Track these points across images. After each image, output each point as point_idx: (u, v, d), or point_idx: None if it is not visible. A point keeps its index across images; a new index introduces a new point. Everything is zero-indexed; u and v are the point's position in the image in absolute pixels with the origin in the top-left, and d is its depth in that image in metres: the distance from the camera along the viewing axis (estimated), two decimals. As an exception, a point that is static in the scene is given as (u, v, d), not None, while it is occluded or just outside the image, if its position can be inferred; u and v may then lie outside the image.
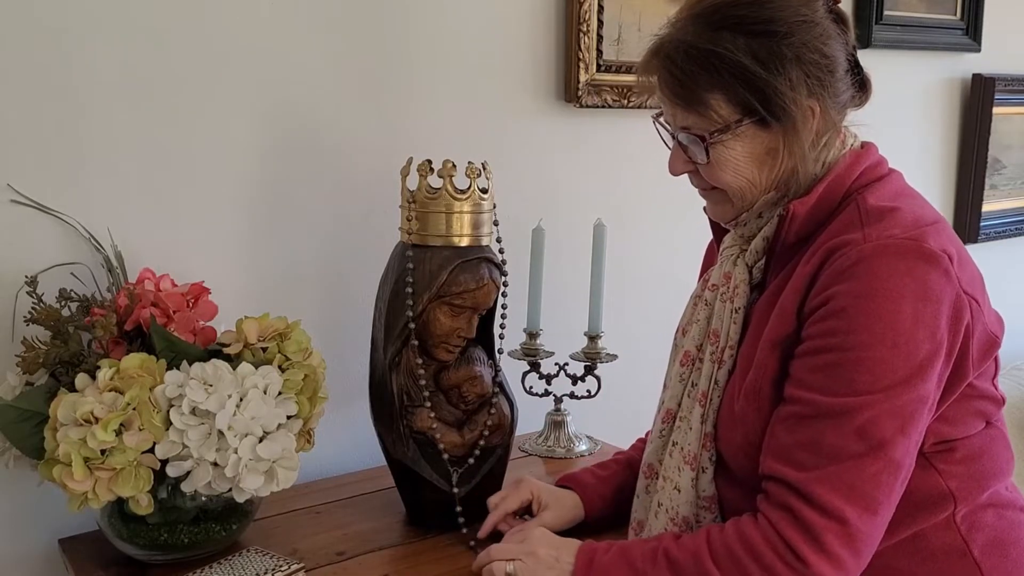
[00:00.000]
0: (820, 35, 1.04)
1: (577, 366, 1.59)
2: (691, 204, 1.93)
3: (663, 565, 1.02)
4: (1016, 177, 2.58)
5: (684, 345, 1.17)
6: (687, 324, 1.20)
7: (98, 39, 1.28)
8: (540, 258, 1.54)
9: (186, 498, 1.14)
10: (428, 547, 1.25)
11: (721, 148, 1.06)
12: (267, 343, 1.18)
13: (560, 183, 1.75)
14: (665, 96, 1.09)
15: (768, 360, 1.04)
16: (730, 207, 1.12)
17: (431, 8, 1.55)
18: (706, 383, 1.12)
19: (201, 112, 1.37)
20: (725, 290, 1.13)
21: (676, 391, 1.16)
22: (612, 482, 1.32)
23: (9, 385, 1.17)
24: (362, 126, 1.51)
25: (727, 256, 1.16)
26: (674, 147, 1.13)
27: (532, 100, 1.69)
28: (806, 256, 1.05)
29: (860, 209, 1.04)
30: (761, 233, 1.11)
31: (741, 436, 1.07)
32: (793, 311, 1.03)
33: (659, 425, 1.18)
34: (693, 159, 1.10)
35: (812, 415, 0.98)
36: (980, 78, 2.42)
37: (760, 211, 1.11)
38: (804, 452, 0.98)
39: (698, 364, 1.14)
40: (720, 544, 1.01)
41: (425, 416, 1.27)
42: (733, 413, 1.08)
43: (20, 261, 1.25)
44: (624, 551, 1.06)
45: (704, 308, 1.16)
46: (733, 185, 1.08)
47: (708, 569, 1.00)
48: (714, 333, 1.13)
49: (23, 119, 1.25)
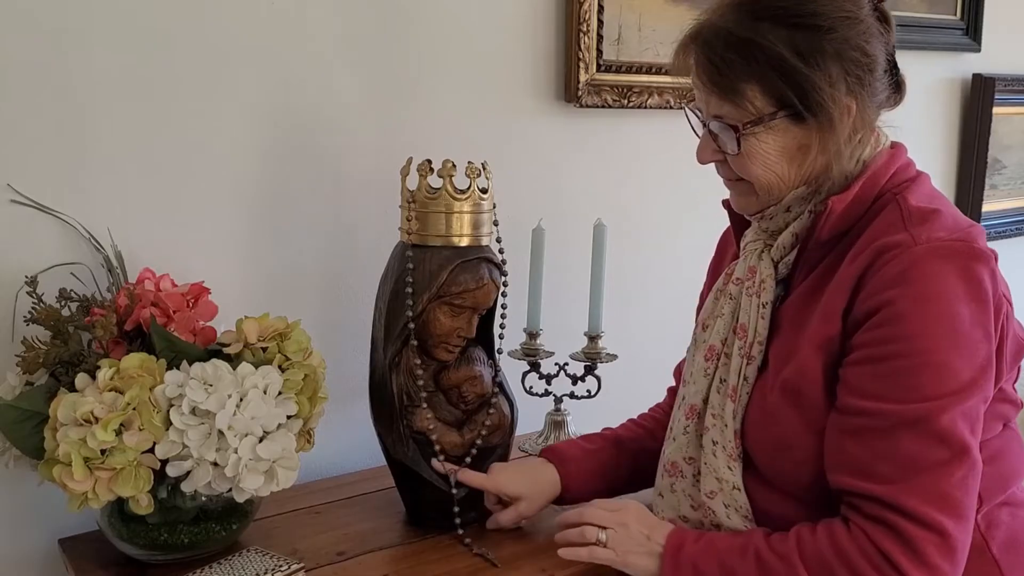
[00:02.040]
0: (863, 33, 1.03)
1: (577, 366, 1.59)
2: (691, 204, 1.93)
3: (752, 563, 1.02)
4: (1016, 177, 2.58)
5: (708, 339, 1.15)
6: (708, 318, 1.17)
7: (98, 39, 1.28)
8: (540, 258, 1.53)
9: (186, 498, 1.14)
10: (428, 547, 1.25)
11: (753, 140, 1.05)
12: (267, 343, 1.18)
13: (560, 183, 1.75)
14: (700, 82, 1.07)
15: (811, 360, 1.03)
16: (755, 200, 1.11)
17: (431, 8, 1.55)
18: (735, 378, 1.10)
19: (201, 112, 1.37)
20: (750, 284, 1.12)
21: (701, 386, 1.14)
22: (597, 457, 1.31)
23: (9, 385, 1.17)
24: (362, 126, 1.51)
25: (750, 250, 1.14)
26: (704, 135, 1.11)
27: (532, 100, 1.69)
28: (849, 256, 1.04)
29: (902, 209, 1.03)
30: (790, 228, 1.10)
31: (773, 434, 1.06)
32: (839, 313, 1.02)
33: (683, 421, 1.16)
34: (723, 149, 1.09)
35: (886, 426, 0.97)
36: (980, 78, 2.42)
37: (789, 205, 1.09)
38: (884, 464, 0.97)
39: (724, 359, 1.12)
40: (812, 551, 1.00)
41: (424, 416, 1.27)
42: (765, 409, 1.07)
43: (20, 261, 1.25)
44: (712, 542, 1.06)
45: (729, 302, 1.14)
46: (762, 179, 1.07)
47: (799, 573, 0.99)
48: (741, 328, 1.11)
49: (23, 119, 1.25)
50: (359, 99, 1.51)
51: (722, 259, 1.32)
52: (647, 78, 1.78)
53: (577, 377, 1.58)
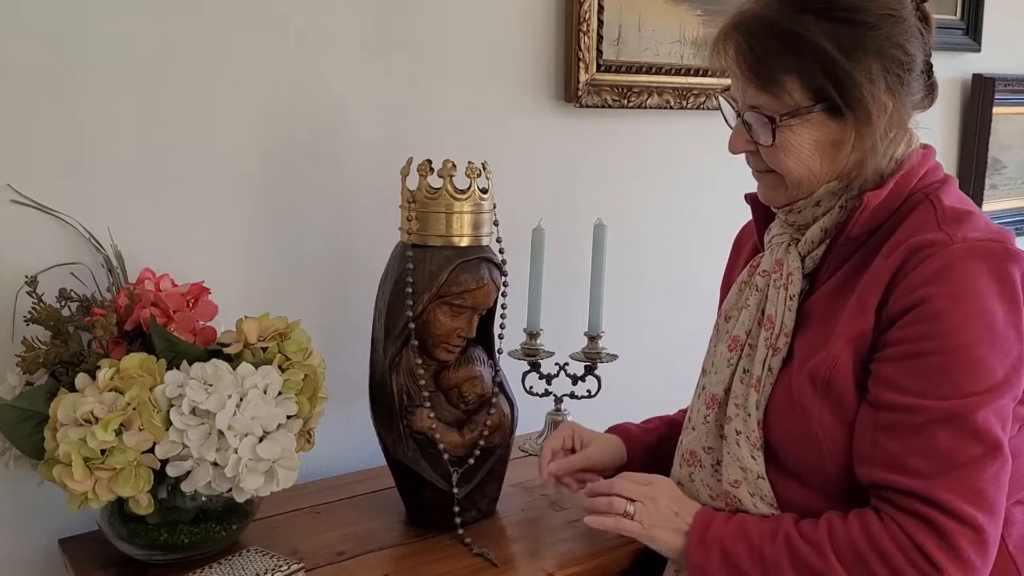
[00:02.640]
0: (905, 32, 1.04)
1: (577, 366, 1.59)
2: (692, 204, 1.94)
3: (782, 546, 1.02)
4: (1016, 177, 2.58)
5: (732, 330, 1.16)
6: (731, 309, 1.18)
7: (99, 40, 1.28)
8: (540, 258, 1.53)
9: (186, 498, 1.14)
10: (428, 547, 1.25)
11: (788, 132, 1.05)
12: (267, 343, 1.18)
13: (560, 183, 1.75)
14: (739, 71, 1.07)
15: (843, 354, 1.03)
16: (783, 193, 1.11)
17: (432, 8, 1.55)
18: (759, 368, 1.10)
19: (201, 112, 1.37)
20: (778, 277, 1.12)
21: (724, 375, 1.14)
22: (655, 433, 1.35)
23: (9, 385, 1.17)
24: (362, 126, 1.51)
25: (776, 243, 1.15)
26: (737, 125, 1.11)
27: (532, 100, 1.69)
28: (883, 252, 1.04)
29: (936, 208, 1.04)
30: (819, 223, 1.10)
31: (798, 424, 1.06)
32: (872, 308, 1.02)
33: (703, 411, 1.16)
34: (756, 139, 1.08)
35: (921, 421, 0.98)
36: (980, 78, 2.42)
37: (819, 199, 1.09)
38: (918, 459, 0.97)
39: (748, 349, 1.13)
40: (844, 539, 1.00)
41: (425, 416, 1.27)
42: (790, 400, 1.07)
43: (20, 261, 1.25)
44: (742, 524, 1.07)
45: (755, 294, 1.14)
46: (793, 172, 1.07)
47: (830, 561, 0.99)
48: (768, 319, 1.11)
49: (23, 119, 1.25)
50: (359, 99, 1.51)
51: (739, 255, 1.32)
52: (647, 78, 1.78)
53: (577, 377, 1.58)
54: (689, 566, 1.08)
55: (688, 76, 1.83)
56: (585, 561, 1.22)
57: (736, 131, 1.11)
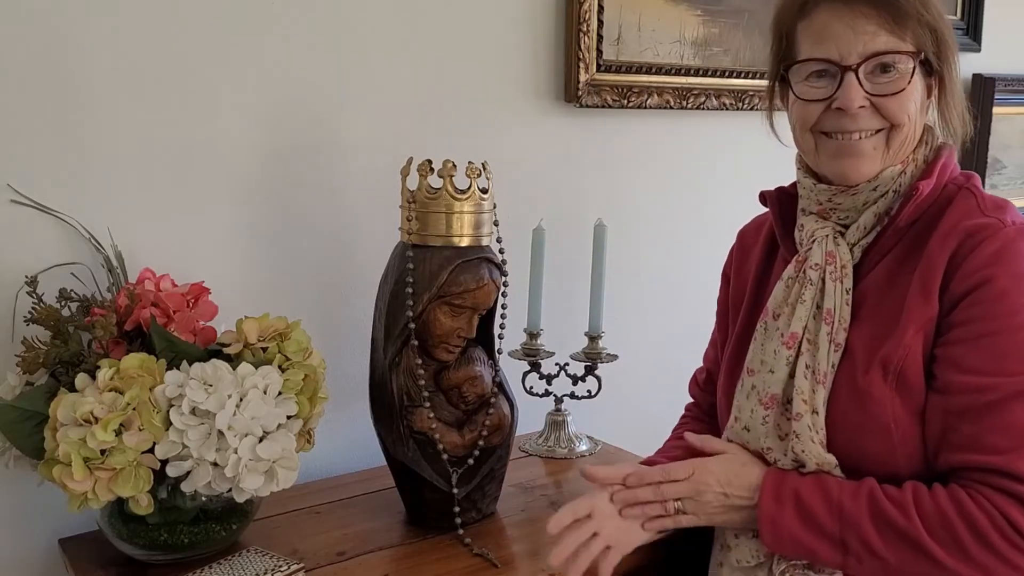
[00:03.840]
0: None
1: (577, 366, 1.59)
2: (691, 204, 1.94)
3: (864, 502, 1.02)
4: (1016, 177, 2.58)
5: (788, 328, 1.13)
6: (781, 306, 1.15)
7: (99, 39, 1.28)
8: (540, 258, 1.54)
9: (186, 498, 1.14)
10: (428, 547, 1.25)
11: (915, 79, 1.08)
12: (267, 343, 1.18)
13: (560, 183, 1.75)
14: (874, 11, 1.06)
15: (913, 342, 1.04)
16: (877, 160, 1.10)
17: (431, 8, 1.55)
18: (825, 364, 1.09)
19: (201, 111, 1.37)
20: (832, 270, 1.11)
21: (781, 374, 1.12)
22: None
23: (9, 385, 1.17)
24: (362, 126, 1.51)
25: (821, 236, 1.14)
26: (848, 82, 1.07)
27: (532, 100, 1.69)
28: (936, 238, 1.06)
29: (976, 197, 1.08)
30: (872, 209, 1.11)
31: (866, 418, 1.05)
32: (935, 293, 1.04)
33: (759, 411, 1.13)
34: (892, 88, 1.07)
35: (995, 399, 0.99)
36: (980, 78, 2.42)
37: (879, 183, 1.10)
38: (996, 435, 0.99)
39: (807, 345, 1.11)
40: (930, 503, 1.00)
41: (425, 416, 1.27)
42: (856, 393, 1.06)
43: (20, 261, 1.25)
44: (820, 478, 1.06)
45: (808, 288, 1.12)
46: (906, 124, 1.09)
47: (914, 522, 1.00)
48: (828, 313, 1.10)
49: (23, 119, 1.25)
50: (360, 99, 1.51)
51: (746, 256, 1.31)
52: (647, 78, 1.78)
53: (577, 377, 1.58)
54: (761, 522, 1.07)
55: (688, 76, 1.83)
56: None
57: (849, 86, 1.07)
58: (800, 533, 1.04)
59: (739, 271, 1.32)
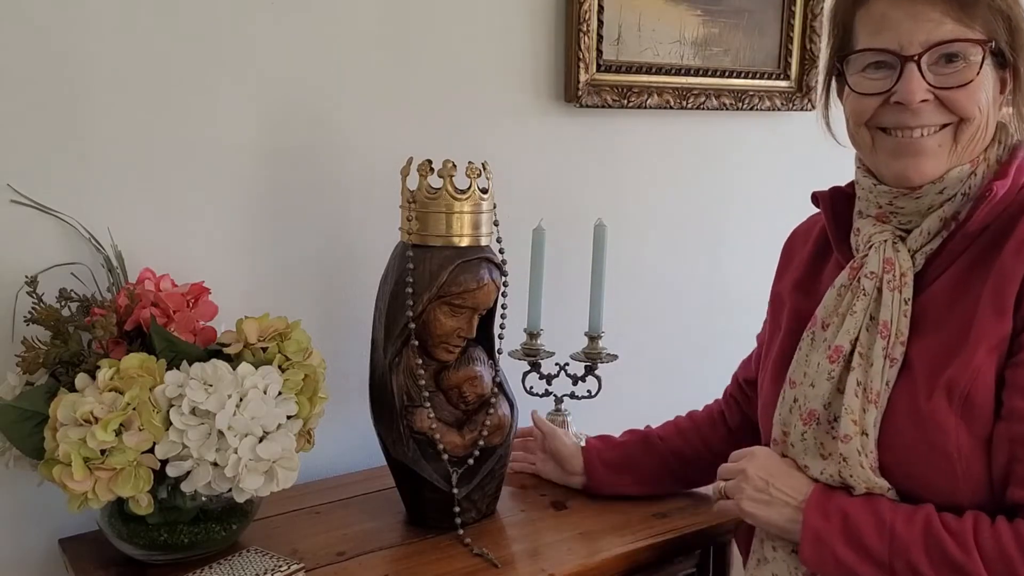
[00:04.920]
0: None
1: (577, 366, 1.59)
2: (692, 204, 1.93)
3: (919, 529, 0.95)
4: None
5: (834, 340, 1.05)
6: (830, 316, 1.07)
7: (98, 39, 1.28)
8: (540, 258, 1.53)
9: (186, 498, 1.14)
10: (428, 547, 1.25)
11: (985, 69, 0.99)
12: (267, 343, 1.18)
13: (560, 183, 1.75)
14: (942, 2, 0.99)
15: (983, 363, 0.95)
16: (943, 159, 1.01)
17: (431, 8, 1.55)
18: (878, 382, 1.01)
19: (201, 111, 1.37)
20: (891, 278, 1.03)
21: (823, 389, 1.04)
22: (623, 449, 1.36)
23: (9, 385, 1.17)
24: (362, 126, 1.51)
25: (878, 241, 1.05)
26: (909, 73, 0.99)
27: (532, 100, 1.69)
28: (1010, 248, 0.97)
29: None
30: (937, 212, 1.02)
31: (926, 444, 0.97)
32: (1010, 310, 0.95)
33: (799, 426, 1.06)
34: (959, 80, 0.99)
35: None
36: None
37: (946, 185, 1.02)
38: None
39: (859, 359, 1.03)
40: (990, 538, 0.93)
41: (425, 416, 1.27)
42: (916, 416, 0.98)
43: (20, 261, 1.25)
44: (872, 499, 1.00)
45: (861, 298, 1.04)
46: (976, 117, 1.00)
47: (972, 556, 0.92)
48: (884, 326, 1.02)
49: (23, 119, 1.25)
50: (359, 99, 1.51)
51: (790, 261, 1.25)
52: (647, 78, 1.78)
53: (577, 377, 1.58)
54: (805, 531, 1.01)
55: (688, 76, 1.83)
56: (585, 561, 1.22)
57: (910, 78, 0.99)
58: (844, 553, 0.98)
59: (780, 276, 1.26)
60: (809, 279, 1.19)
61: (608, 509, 1.36)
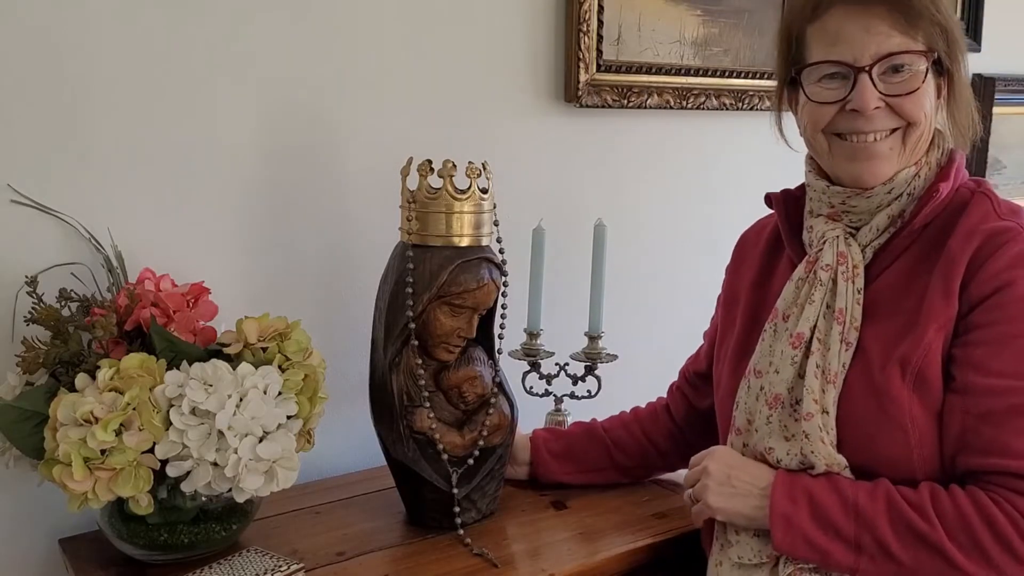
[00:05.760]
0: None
1: (577, 366, 1.59)
2: (691, 204, 1.93)
3: (881, 503, 1.02)
4: (1016, 177, 2.58)
5: (795, 328, 1.12)
6: (790, 307, 1.15)
7: (98, 40, 1.28)
8: (540, 258, 1.53)
9: (186, 498, 1.14)
10: (428, 547, 1.25)
11: (929, 78, 1.08)
12: (267, 343, 1.18)
13: (560, 183, 1.75)
14: (885, 10, 1.07)
15: (933, 340, 1.03)
16: (893, 161, 1.10)
17: (431, 8, 1.55)
18: (836, 363, 1.08)
19: (201, 111, 1.37)
20: (844, 270, 1.11)
21: (788, 374, 1.11)
22: (566, 440, 1.42)
23: (9, 385, 1.17)
24: (362, 126, 1.51)
25: (832, 238, 1.13)
26: (861, 83, 1.07)
27: (532, 100, 1.69)
28: (955, 238, 1.06)
29: (992, 201, 1.09)
30: (886, 210, 1.11)
31: (882, 418, 1.04)
32: (956, 293, 1.04)
33: (764, 412, 1.12)
34: (906, 88, 1.07)
35: (1017, 402, 0.99)
36: (980, 78, 2.42)
37: (894, 185, 1.10)
38: (1017, 439, 0.98)
39: (818, 345, 1.10)
40: (950, 506, 0.99)
41: (425, 416, 1.27)
42: (871, 393, 1.06)
43: (20, 261, 1.25)
44: (833, 479, 1.06)
45: (819, 288, 1.12)
46: (921, 122, 1.09)
47: (934, 525, 0.98)
48: (840, 313, 1.10)
49: (23, 119, 1.25)
50: (359, 99, 1.51)
51: (742, 260, 1.31)
52: (647, 78, 1.78)
53: (577, 377, 1.58)
54: (774, 516, 1.06)
55: (688, 76, 1.83)
56: (585, 561, 1.22)
57: (864, 87, 1.07)
58: (814, 533, 1.03)
59: (734, 273, 1.32)
60: (763, 276, 1.26)
61: (608, 509, 1.37)
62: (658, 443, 1.42)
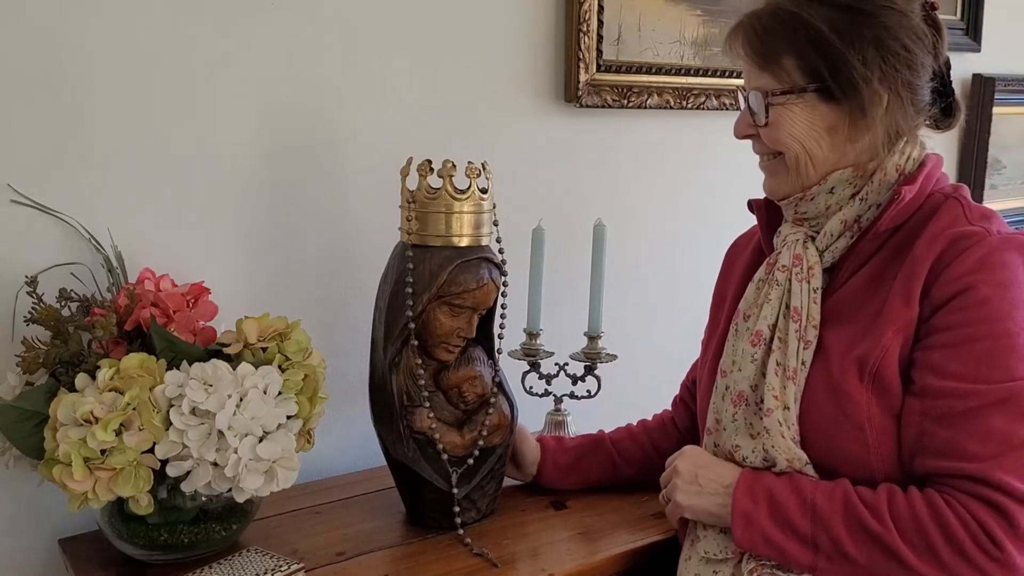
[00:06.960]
0: (906, 28, 1.08)
1: (577, 366, 1.59)
2: (691, 204, 1.93)
3: (838, 503, 1.02)
4: (1016, 177, 2.59)
5: (755, 326, 1.14)
6: (751, 308, 1.17)
7: (98, 39, 1.28)
8: (540, 258, 1.53)
9: (186, 498, 1.14)
10: (428, 547, 1.26)
11: (782, 110, 1.10)
12: (267, 343, 1.18)
13: (560, 183, 1.75)
14: (743, 52, 1.13)
15: (891, 343, 1.04)
16: (786, 179, 1.14)
17: (430, 9, 1.55)
18: (794, 360, 1.10)
19: (201, 111, 1.37)
20: (799, 271, 1.13)
21: (749, 371, 1.13)
22: (575, 451, 1.42)
23: (9, 385, 1.17)
24: (362, 126, 1.51)
25: (791, 241, 1.16)
26: (743, 110, 1.15)
27: (532, 100, 1.69)
28: (921, 243, 1.06)
29: (963, 206, 1.09)
30: (837, 216, 1.12)
31: (840, 417, 1.05)
32: (917, 297, 1.04)
33: (730, 409, 1.14)
34: (756, 121, 1.13)
35: (975, 405, 0.99)
36: (980, 78, 2.42)
37: (832, 186, 1.12)
38: (975, 443, 0.98)
39: (778, 343, 1.12)
40: (905, 508, 1.00)
41: (425, 416, 1.27)
42: (831, 392, 1.07)
43: (20, 261, 1.25)
44: (793, 478, 1.07)
45: (775, 288, 1.14)
46: (791, 149, 1.11)
47: (888, 527, 0.99)
48: (795, 311, 1.12)
49: (23, 119, 1.25)
50: (359, 99, 1.51)
51: (732, 266, 1.33)
52: (647, 78, 1.78)
53: (577, 377, 1.58)
54: (735, 514, 1.07)
55: (688, 76, 1.83)
56: (584, 561, 1.22)
57: (741, 116, 1.15)
58: (772, 531, 1.05)
59: (724, 279, 1.34)
60: (748, 281, 1.26)
61: (608, 509, 1.37)
62: (665, 454, 1.38)
